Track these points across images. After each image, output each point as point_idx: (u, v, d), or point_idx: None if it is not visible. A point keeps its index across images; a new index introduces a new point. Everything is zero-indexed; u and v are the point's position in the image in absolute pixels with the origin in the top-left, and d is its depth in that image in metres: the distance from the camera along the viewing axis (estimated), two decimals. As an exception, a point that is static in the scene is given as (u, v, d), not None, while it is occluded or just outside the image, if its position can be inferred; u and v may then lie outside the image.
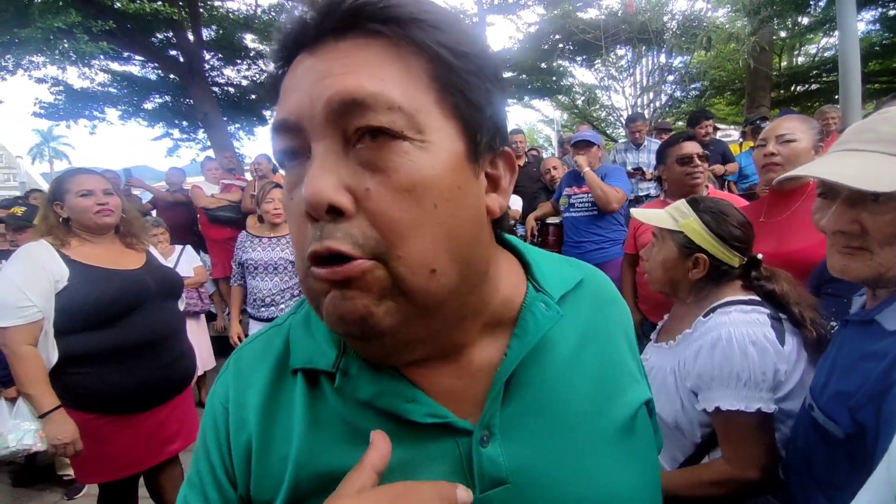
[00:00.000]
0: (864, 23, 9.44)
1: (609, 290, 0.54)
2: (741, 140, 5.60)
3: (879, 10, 9.15)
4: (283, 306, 2.62)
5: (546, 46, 11.31)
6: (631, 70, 9.56)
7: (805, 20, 9.82)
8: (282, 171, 0.39)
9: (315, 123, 0.34)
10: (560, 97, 13.08)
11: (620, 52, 9.77)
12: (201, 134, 10.64)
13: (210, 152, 7.85)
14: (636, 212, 1.34)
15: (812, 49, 12.74)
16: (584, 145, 3.06)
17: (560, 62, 11.64)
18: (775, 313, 1.03)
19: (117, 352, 1.61)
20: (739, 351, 0.94)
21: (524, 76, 12.34)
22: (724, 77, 11.05)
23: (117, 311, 1.62)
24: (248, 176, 5.16)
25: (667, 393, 1.06)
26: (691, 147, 2.01)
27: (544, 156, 6.20)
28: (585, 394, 0.45)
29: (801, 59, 12.95)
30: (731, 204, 1.15)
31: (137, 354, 1.65)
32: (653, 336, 1.24)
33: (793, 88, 11.83)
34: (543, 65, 11.96)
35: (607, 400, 0.46)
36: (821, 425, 0.70)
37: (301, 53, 0.37)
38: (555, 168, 3.93)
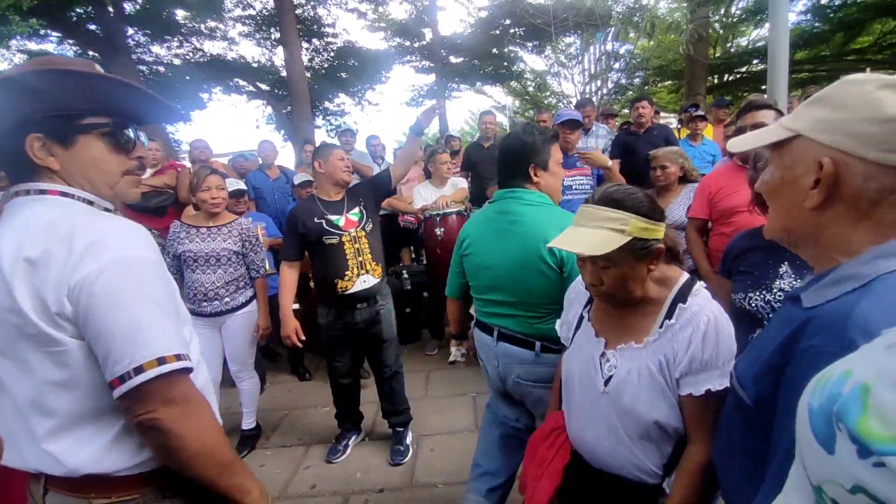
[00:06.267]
0: (794, 13, 10.10)
1: None
2: (678, 127, 5.82)
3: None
4: (227, 299, 2.47)
5: (497, 32, 11.30)
6: (579, 57, 9.75)
7: (737, 10, 10.31)
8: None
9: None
10: (512, 83, 13.17)
11: (569, 39, 9.93)
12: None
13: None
14: None
15: (743, 42, 13.55)
16: (575, 125, 2.72)
17: (511, 48, 11.69)
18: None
19: None
20: (727, 334, 0.98)
21: (476, 61, 12.30)
22: (665, 65, 11.52)
23: None
24: (187, 163, 4.81)
25: (656, 392, 1.01)
26: None
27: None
28: None
29: (733, 51, 13.73)
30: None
31: None
32: (597, 344, 1.12)
33: (725, 77, 12.53)
34: (495, 50, 11.96)
35: None
36: (737, 392, 0.72)
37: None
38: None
